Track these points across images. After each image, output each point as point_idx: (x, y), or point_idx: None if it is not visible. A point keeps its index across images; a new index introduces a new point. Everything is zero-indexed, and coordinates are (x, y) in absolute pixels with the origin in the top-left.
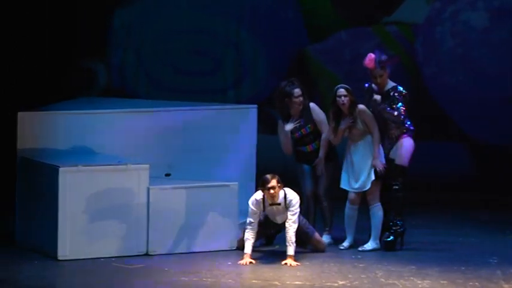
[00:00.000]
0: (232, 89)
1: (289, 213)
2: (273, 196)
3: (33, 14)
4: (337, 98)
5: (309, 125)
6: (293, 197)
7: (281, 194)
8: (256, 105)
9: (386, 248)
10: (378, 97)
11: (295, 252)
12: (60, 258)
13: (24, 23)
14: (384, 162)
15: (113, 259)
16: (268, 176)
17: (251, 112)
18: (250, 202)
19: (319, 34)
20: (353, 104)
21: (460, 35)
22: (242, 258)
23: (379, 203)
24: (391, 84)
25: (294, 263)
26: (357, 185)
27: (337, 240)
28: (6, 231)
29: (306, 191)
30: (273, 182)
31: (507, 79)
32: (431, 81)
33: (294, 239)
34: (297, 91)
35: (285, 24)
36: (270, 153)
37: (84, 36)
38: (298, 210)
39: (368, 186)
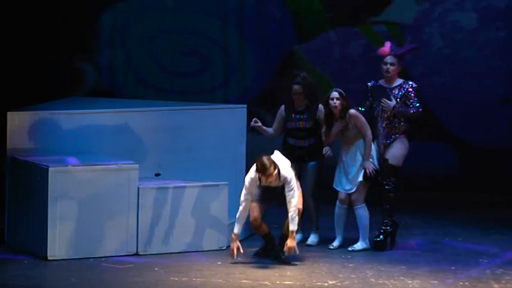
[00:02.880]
0: (220, 89)
1: (286, 191)
2: (270, 182)
3: (21, 14)
4: (330, 101)
5: (310, 122)
6: (287, 173)
7: (275, 174)
8: (245, 105)
9: (376, 247)
10: (391, 103)
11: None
12: (49, 258)
13: (13, 23)
14: (376, 165)
15: (103, 259)
16: (267, 163)
17: (240, 112)
18: (246, 180)
19: (307, 33)
20: (344, 109)
21: (448, 35)
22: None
23: (364, 204)
24: (399, 80)
25: (293, 244)
26: (346, 187)
27: (326, 240)
28: None
29: None
30: (271, 170)
31: (495, 79)
32: (419, 81)
33: (295, 215)
34: (296, 87)
35: (273, 24)
36: (259, 152)
37: (73, 36)
38: (295, 185)
39: (355, 188)
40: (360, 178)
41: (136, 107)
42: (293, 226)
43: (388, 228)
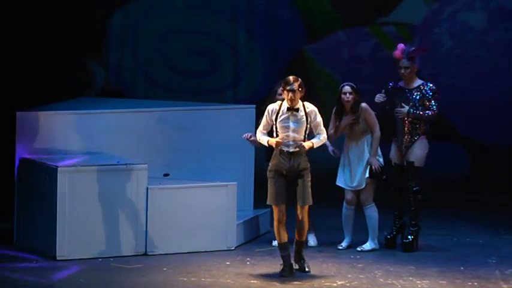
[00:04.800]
0: (229, 89)
1: (316, 128)
2: (292, 100)
3: (31, 14)
4: (342, 95)
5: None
6: (313, 107)
7: (300, 103)
8: (254, 106)
9: (405, 249)
10: (404, 109)
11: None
12: (58, 258)
13: (23, 23)
14: (382, 162)
15: (112, 259)
16: (291, 78)
17: (249, 112)
18: (266, 110)
19: (317, 34)
20: (356, 103)
21: (457, 35)
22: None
23: (373, 204)
24: (419, 81)
25: (305, 145)
26: (353, 184)
27: (334, 241)
28: (5, 231)
29: None
30: (294, 85)
31: (505, 80)
32: (429, 81)
33: (322, 137)
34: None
35: (282, 24)
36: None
37: (83, 37)
38: (321, 118)
39: (363, 185)
40: (367, 174)
41: (146, 107)
42: (316, 140)
43: (416, 229)
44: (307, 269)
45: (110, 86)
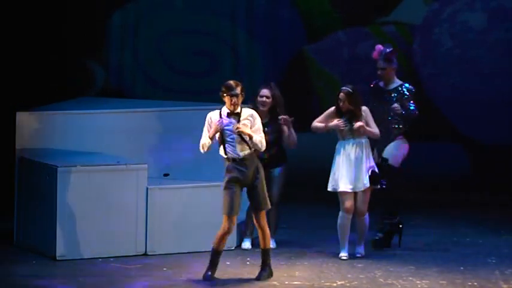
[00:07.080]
0: None
1: (256, 133)
2: (235, 104)
3: (31, 14)
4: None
5: (275, 134)
6: (253, 112)
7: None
8: None
9: (374, 246)
10: (396, 106)
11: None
12: (58, 258)
13: (23, 23)
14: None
15: (112, 259)
16: (232, 83)
17: None
18: (207, 117)
19: (317, 34)
20: (350, 111)
21: (458, 35)
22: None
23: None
24: (397, 82)
25: (240, 127)
26: (352, 186)
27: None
28: (5, 231)
29: None
30: (238, 90)
31: (505, 80)
32: (429, 81)
33: (260, 138)
34: (264, 91)
35: (282, 24)
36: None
37: (83, 37)
38: (260, 122)
39: (365, 184)
40: (366, 180)
41: (145, 107)
42: (256, 135)
43: (388, 228)
44: (268, 278)
45: (110, 86)
